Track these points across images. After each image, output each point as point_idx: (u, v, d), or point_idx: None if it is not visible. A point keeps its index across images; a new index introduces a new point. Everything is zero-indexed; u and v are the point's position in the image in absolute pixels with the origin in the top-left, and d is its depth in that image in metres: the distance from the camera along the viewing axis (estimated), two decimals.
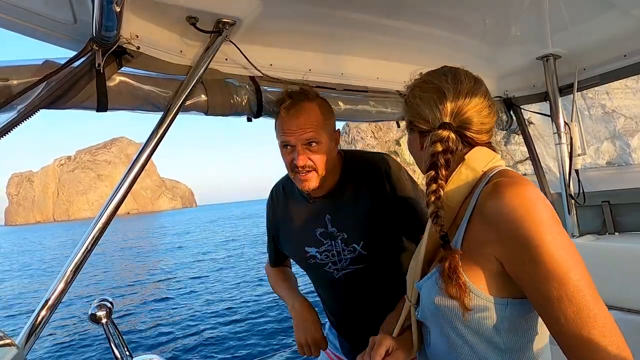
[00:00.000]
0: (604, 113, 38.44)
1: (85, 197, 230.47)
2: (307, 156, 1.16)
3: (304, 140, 1.16)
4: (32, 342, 0.95)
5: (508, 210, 0.68)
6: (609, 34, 1.53)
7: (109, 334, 1.07)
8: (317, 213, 1.28)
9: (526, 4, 1.30)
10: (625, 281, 1.48)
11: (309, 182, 1.18)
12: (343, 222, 1.25)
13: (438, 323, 0.81)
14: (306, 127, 1.15)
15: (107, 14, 0.85)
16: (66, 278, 0.98)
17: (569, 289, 0.63)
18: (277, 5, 1.17)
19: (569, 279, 0.63)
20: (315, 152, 1.17)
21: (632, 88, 37.44)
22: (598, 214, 1.95)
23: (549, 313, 0.66)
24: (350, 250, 1.24)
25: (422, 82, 0.88)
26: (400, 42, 1.51)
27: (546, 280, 0.64)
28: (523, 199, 0.68)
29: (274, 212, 1.44)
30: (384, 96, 1.76)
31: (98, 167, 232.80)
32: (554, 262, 0.64)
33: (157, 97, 1.17)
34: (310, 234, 1.28)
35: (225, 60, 1.35)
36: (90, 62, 1.02)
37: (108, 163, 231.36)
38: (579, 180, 1.89)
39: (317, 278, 1.37)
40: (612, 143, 39.32)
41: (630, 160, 37.53)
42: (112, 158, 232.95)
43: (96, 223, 1.03)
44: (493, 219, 0.71)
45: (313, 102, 1.20)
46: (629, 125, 39.03)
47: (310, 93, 1.23)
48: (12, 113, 0.94)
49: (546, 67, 1.80)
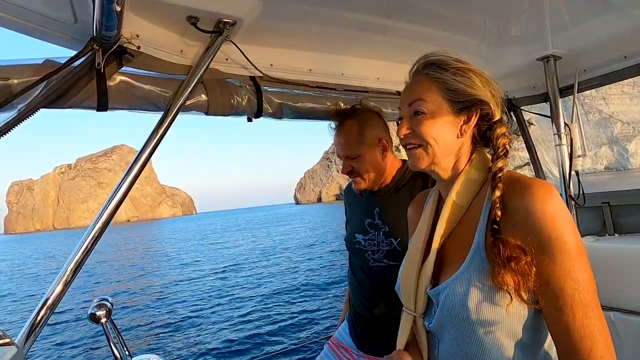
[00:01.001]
0: (601, 118, 38.57)
1: (86, 205, 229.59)
2: (350, 164, 1.43)
3: (345, 155, 1.44)
4: (31, 342, 0.95)
5: (539, 208, 0.70)
6: (609, 35, 1.53)
7: (109, 333, 1.07)
8: (369, 206, 1.49)
9: (526, 5, 1.30)
10: (626, 282, 1.47)
11: (357, 185, 1.46)
12: (388, 216, 1.43)
13: (457, 328, 0.77)
14: (345, 144, 1.43)
15: (107, 13, 0.85)
16: (66, 277, 0.98)
17: (581, 290, 0.68)
18: (278, 5, 1.17)
19: (585, 280, 0.69)
20: (357, 162, 1.42)
21: (629, 94, 37.56)
22: (598, 215, 1.95)
23: (557, 307, 0.69)
24: (388, 243, 1.40)
25: (478, 71, 0.85)
26: (400, 43, 1.51)
27: (563, 278, 0.69)
28: (553, 198, 0.71)
29: (348, 204, 1.70)
30: (385, 96, 1.76)
31: (99, 175, 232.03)
32: (574, 260, 0.69)
33: (157, 97, 1.17)
34: (361, 223, 1.50)
35: (225, 60, 1.35)
36: (91, 61, 1.02)
37: (109, 171, 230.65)
38: (579, 181, 1.88)
39: (357, 263, 1.53)
40: (610, 148, 39.48)
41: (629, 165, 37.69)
42: (113, 166, 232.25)
43: (97, 222, 1.03)
44: (522, 215, 0.72)
45: (354, 119, 1.44)
46: (627, 130, 39.19)
47: (356, 111, 1.47)
48: (12, 112, 0.94)
49: (546, 68, 1.79)
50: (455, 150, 0.85)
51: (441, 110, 0.83)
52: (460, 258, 0.79)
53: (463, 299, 0.74)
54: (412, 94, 0.86)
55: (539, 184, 0.74)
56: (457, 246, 0.83)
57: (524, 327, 0.74)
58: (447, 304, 0.78)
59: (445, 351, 0.82)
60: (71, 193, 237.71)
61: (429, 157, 0.84)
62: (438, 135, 0.82)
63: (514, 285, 0.69)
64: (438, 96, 0.83)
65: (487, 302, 0.72)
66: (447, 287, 0.78)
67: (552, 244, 0.69)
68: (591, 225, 1.96)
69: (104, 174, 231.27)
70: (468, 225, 0.82)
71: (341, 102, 1.59)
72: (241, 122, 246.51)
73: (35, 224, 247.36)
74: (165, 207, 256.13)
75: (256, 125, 35.63)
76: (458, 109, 0.83)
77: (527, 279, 0.69)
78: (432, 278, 0.84)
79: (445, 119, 0.83)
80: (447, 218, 0.84)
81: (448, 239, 0.85)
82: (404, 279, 0.90)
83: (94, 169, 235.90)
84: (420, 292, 0.86)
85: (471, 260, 0.76)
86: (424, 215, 0.95)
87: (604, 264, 1.55)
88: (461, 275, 0.76)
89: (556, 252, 0.69)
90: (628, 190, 1.89)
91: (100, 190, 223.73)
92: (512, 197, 0.75)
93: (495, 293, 0.72)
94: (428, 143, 0.83)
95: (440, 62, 0.85)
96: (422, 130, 0.83)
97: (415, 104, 0.84)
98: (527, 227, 0.71)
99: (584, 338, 0.67)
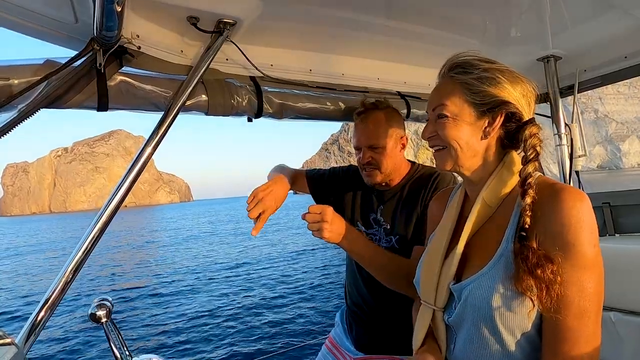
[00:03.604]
0: (596, 118, 38.79)
1: (83, 189, 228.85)
2: (370, 155, 1.39)
3: (369, 143, 1.39)
4: (32, 341, 0.95)
5: (566, 212, 0.71)
6: (609, 35, 1.53)
7: (109, 333, 1.07)
8: (375, 201, 1.49)
9: (526, 5, 1.30)
10: (626, 282, 1.47)
11: (372, 177, 1.42)
12: (389, 215, 1.43)
13: (477, 325, 0.78)
14: (372, 134, 1.39)
15: (108, 13, 0.85)
16: (66, 277, 0.98)
17: (583, 298, 0.70)
18: (278, 5, 1.17)
19: (590, 290, 0.70)
20: (378, 153, 1.39)
21: (624, 94, 37.84)
22: (599, 215, 1.94)
23: (556, 309, 0.69)
24: (387, 240, 1.41)
25: (507, 70, 0.84)
26: (400, 43, 1.51)
27: (569, 283, 0.70)
28: (583, 205, 0.72)
29: (345, 177, 1.60)
30: (385, 97, 1.75)
31: (96, 160, 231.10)
32: (585, 270, 0.70)
33: (157, 97, 1.17)
34: (365, 216, 1.50)
35: (225, 60, 1.35)
36: (91, 61, 1.02)
37: (106, 155, 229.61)
38: (580, 181, 1.89)
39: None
40: (603, 147, 39.71)
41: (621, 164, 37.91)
42: (110, 150, 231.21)
43: (96, 223, 1.03)
44: (549, 220, 0.73)
45: (382, 111, 1.42)
46: (620, 130, 39.47)
47: (382, 103, 1.45)
48: (12, 112, 0.94)
49: (547, 68, 1.79)
50: (480, 151, 0.85)
51: (463, 113, 0.83)
52: (486, 257, 0.79)
53: (487, 297, 0.75)
54: (435, 98, 0.88)
55: (571, 190, 0.74)
56: (482, 245, 0.83)
57: (537, 330, 0.74)
58: (470, 300, 0.78)
59: (461, 346, 0.82)
60: (68, 177, 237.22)
61: (452, 158, 0.86)
62: (460, 138, 0.83)
63: (538, 292, 0.70)
64: (460, 99, 0.84)
65: (509, 305, 0.73)
66: (471, 283, 0.79)
67: (569, 249, 0.70)
68: None
69: (102, 159, 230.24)
70: (496, 225, 0.82)
71: (341, 102, 1.58)
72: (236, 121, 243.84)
73: (30, 206, 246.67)
74: (163, 194, 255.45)
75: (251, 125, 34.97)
76: (481, 112, 0.83)
77: (551, 287, 0.69)
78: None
79: (467, 122, 0.83)
80: (476, 217, 0.84)
81: (474, 237, 0.86)
82: (425, 272, 0.90)
83: (91, 153, 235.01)
84: (442, 286, 0.86)
85: (498, 260, 0.77)
86: (448, 212, 0.96)
87: (604, 264, 1.55)
88: (487, 274, 0.77)
89: (571, 257, 0.70)
90: (628, 190, 1.89)
91: (97, 175, 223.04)
92: (543, 203, 0.75)
93: (517, 297, 0.72)
94: (451, 146, 0.84)
95: (466, 63, 0.85)
96: (445, 134, 0.84)
97: (438, 107, 0.86)
98: (551, 230, 0.72)
99: (566, 340, 0.69)
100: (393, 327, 1.40)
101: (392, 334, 1.41)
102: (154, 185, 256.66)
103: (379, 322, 1.45)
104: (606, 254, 1.59)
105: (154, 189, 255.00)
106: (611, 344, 1.44)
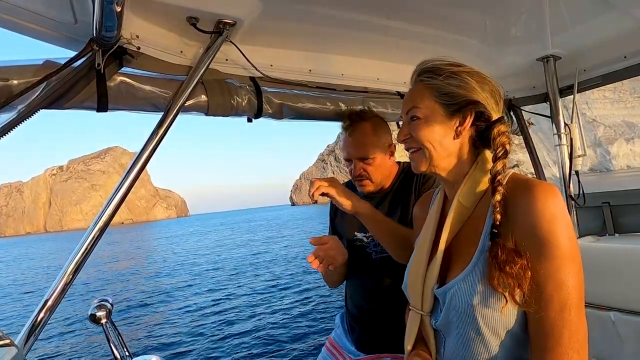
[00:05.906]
0: (585, 122, 39.16)
1: (79, 207, 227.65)
2: (361, 167, 1.43)
3: (359, 156, 1.42)
4: (31, 343, 0.95)
5: (539, 207, 0.72)
6: (609, 35, 1.53)
7: (109, 334, 1.07)
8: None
9: (526, 5, 1.30)
10: (626, 282, 1.47)
11: (364, 187, 1.47)
12: (385, 214, 1.41)
13: (463, 327, 0.78)
14: (361, 146, 1.42)
15: (107, 14, 0.85)
16: (66, 278, 0.98)
17: (562, 291, 0.70)
18: (278, 5, 1.17)
19: (568, 283, 0.70)
20: (369, 164, 1.43)
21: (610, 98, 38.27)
22: (598, 215, 1.94)
23: (538, 305, 0.71)
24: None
25: (474, 72, 0.87)
26: (400, 43, 1.51)
27: (547, 277, 0.70)
28: (554, 200, 0.72)
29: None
30: (384, 97, 1.75)
31: (92, 177, 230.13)
32: (563, 264, 0.70)
33: (157, 98, 1.17)
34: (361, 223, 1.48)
35: (225, 60, 1.35)
36: (91, 62, 1.02)
37: (102, 173, 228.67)
38: (579, 181, 1.89)
39: (357, 260, 1.50)
40: (593, 150, 40.09)
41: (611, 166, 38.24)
42: (106, 167, 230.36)
43: (97, 223, 1.03)
44: (522, 215, 0.73)
45: (368, 122, 1.45)
46: (609, 133, 39.89)
47: (367, 114, 1.49)
48: (12, 113, 0.93)
49: (546, 68, 1.79)
50: (454, 151, 0.87)
51: (435, 114, 0.86)
52: (467, 259, 0.80)
53: (469, 298, 0.76)
54: (408, 101, 0.91)
55: (542, 185, 0.74)
56: (463, 247, 0.84)
57: (522, 328, 0.75)
58: (453, 303, 0.79)
59: (450, 349, 0.83)
60: (64, 195, 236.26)
61: (427, 159, 0.87)
62: (434, 138, 0.86)
63: (510, 288, 0.71)
64: (431, 101, 0.87)
65: (490, 304, 0.74)
66: (453, 286, 0.80)
67: (544, 244, 0.70)
68: (591, 225, 1.96)
69: (98, 176, 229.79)
70: (474, 226, 0.82)
71: (341, 103, 1.58)
72: (236, 124, 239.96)
73: (25, 226, 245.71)
74: (160, 209, 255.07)
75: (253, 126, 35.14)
76: (451, 112, 0.85)
77: (521, 282, 0.70)
78: (438, 277, 0.85)
79: (439, 122, 0.86)
80: (453, 219, 0.85)
81: (455, 239, 0.86)
82: (411, 278, 0.91)
83: (87, 170, 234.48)
84: (427, 291, 0.87)
85: (477, 261, 0.77)
86: (430, 215, 0.97)
87: (604, 264, 1.55)
88: (467, 276, 0.78)
89: (547, 252, 0.70)
90: (628, 190, 1.89)
91: (94, 192, 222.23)
92: (515, 199, 0.75)
93: (492, 295, 0.73)
94: (425, 146, 0.87)
95: (434, 67, 0.88)
96: (418, 134, 0.87)
97: (411, 110, 0.89)
98: (525, 227, 0.73)
99: (551, 335, 0.69)
100: (393, 328, 1.40)
101: (393, 334, 1.41)
102: (150, 201, 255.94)
103: (380, 325, 1.46)
104: (606, 254, 1.60)
105: (150, 205, 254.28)
106: (611, 344, 1.44)
